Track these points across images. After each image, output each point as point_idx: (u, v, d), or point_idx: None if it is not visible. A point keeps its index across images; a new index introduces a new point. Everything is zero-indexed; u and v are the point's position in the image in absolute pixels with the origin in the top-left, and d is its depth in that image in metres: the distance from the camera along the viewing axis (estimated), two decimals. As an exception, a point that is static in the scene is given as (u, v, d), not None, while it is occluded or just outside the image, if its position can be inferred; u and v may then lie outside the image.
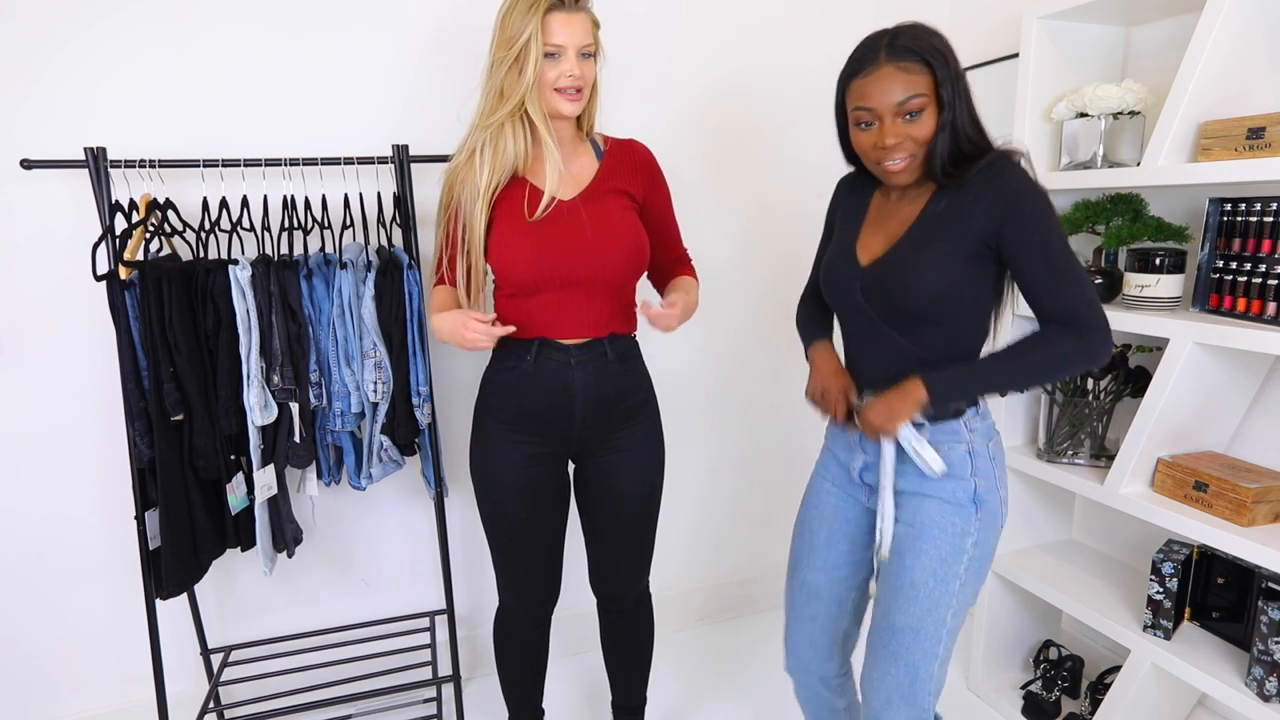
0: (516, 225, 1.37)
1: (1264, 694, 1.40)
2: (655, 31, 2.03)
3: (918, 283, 1.16)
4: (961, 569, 1.19)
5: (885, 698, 1.22)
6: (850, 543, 1.35)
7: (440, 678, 1.89)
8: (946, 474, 1.19)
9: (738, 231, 2.24)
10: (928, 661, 1.20)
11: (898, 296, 1.18)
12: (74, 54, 1.62)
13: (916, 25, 1.15)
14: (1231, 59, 1.44)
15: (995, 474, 1.22)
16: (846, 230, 1.31)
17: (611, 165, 1.45)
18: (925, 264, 1.15)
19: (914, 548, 1.21)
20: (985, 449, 1.22)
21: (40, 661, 1.84)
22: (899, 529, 1.23)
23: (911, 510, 1.22)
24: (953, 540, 1.19)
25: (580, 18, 1.31)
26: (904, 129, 1.13)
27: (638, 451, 1.50)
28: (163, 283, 1.46)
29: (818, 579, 1.36)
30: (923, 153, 1.15)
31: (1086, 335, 1.09)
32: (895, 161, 1.15)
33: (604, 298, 1.41)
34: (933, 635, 1.19)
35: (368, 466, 1.70)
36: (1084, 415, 1.77)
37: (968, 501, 1.20)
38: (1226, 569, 1.59)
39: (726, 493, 2.42)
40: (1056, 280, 1.10)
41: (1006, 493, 1.25)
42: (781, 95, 2.20)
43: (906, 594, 1.20)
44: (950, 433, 1.20)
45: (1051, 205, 1.12)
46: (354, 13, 1.79)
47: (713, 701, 2.08)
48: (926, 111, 1.12)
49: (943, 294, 1.15)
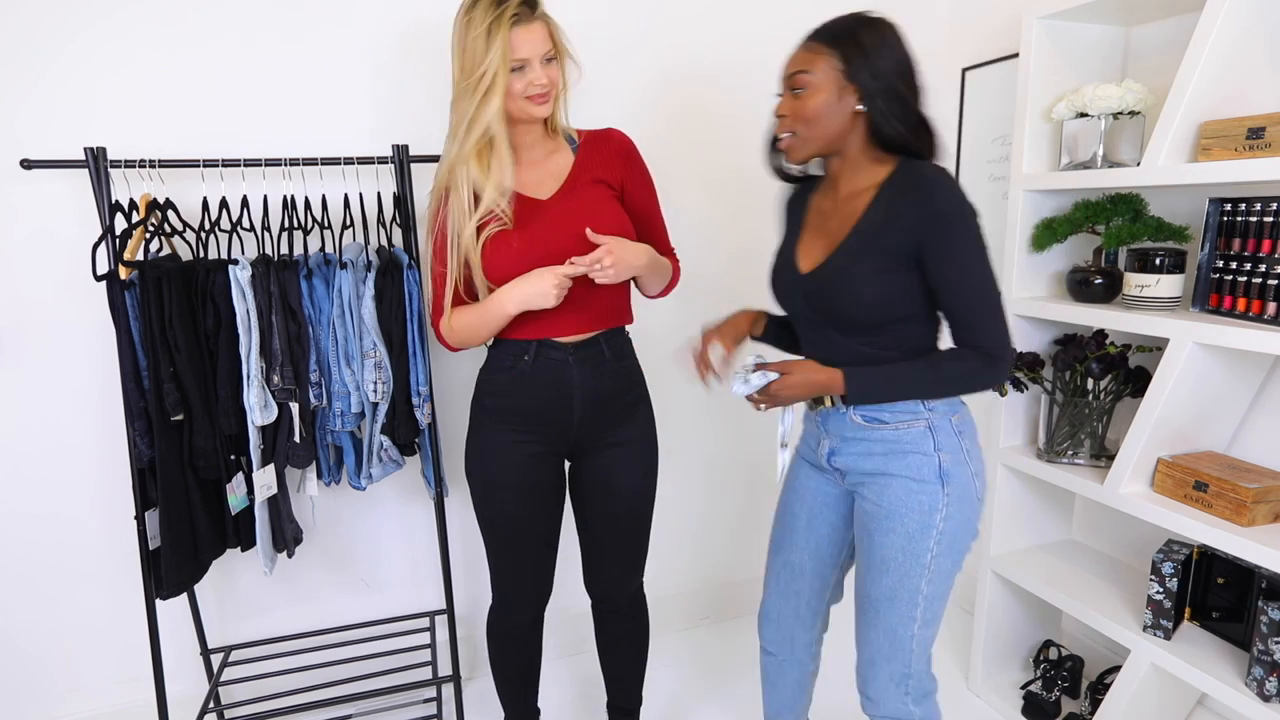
0: (499, 237, 1.36)
1: (1264, 694, 1.40)
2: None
3: (854, 295, 1.19)
4: (931, 543, 1.22)
5: (869, 657, 1.30)
6: (830, 525, 1.39)
7: (440, 678, 1.89)
8: (907, 451, 1.23)
9: (736, 229, 2.24)
10: (905, 624, 1.25)
11: (837, 305, 1.22)
12: (74, 54, 1.62)
13: (852, 14, 1.18)
14: (1231, 59, 1.44)
15: (963, 448, 1.24)
16: (789, 234, 1.36)
17: (587, 156, 1.44)
18: (859, 277, 1.18)
19: (882, 526, 1.24)
20: (948, 424, 1.23)
21: (40, 661, 1.84)
22: (868, 507, 1.27)
23: (878, 490, 1.25)
24: (920, 518, 1.22)
25: (537, 26, 1.29)
26: (789, 102, 1.20)
27: (632, 447, 1.50)
28: (163, 283, 1.46)
29: (802, 558, 1.42)
30: (813, 132, 1.18)
31: (993, 364, 1.16)
32: (784, 137, 1.22)
33: (598, 293, 1.40)
34: (908, 601, 1.24)
35: (368, 466, 1.70)
36: (1084, 415, 1.77)
37: (933, 478, 1.22)
38: (1226, 569, 1.59)
39: (722, 493, 2.41)
40: (971, 310, 1.16)
41: (980, 465, 1.26)
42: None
43: (878, 568, 1.26)
44: (907, 412, 1.23)
45: (977, 229, 1.14)
46: (354, 12, 1.79)
47: (708, 703, 2.08)
48: (814, 91, 1.16)
49: (880, 303, 1.19)
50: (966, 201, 1.13)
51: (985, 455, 1.33)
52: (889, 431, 1.24)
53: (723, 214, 2.21)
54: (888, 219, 1.16)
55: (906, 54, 1.17)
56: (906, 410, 1.23)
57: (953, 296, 1.16)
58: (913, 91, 1.18)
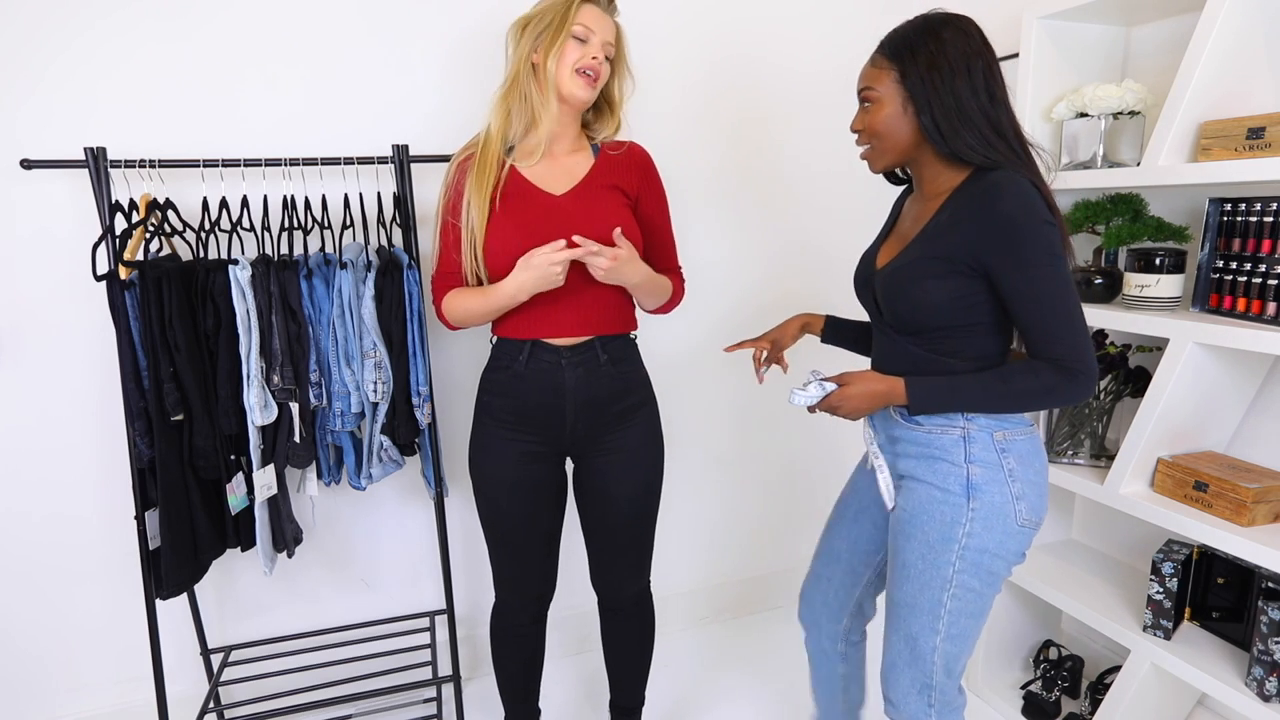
0: (508, 220, 1.37)
1: (1264, 694, 1.40)
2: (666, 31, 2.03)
3: (911, 295, 1.18)
4: (954, 556, 1.18)
5: (891, 661, 1.29)
6: (873, 523, 1.40)
7: (440, 678, 1.89)
8: (936, 457, 1.21)
9: (738, 226, 2.25)
10: (927, 635, 1.23)
11: (896, 304, 1.21)
12: (74, 54, 1.62)
13: (920, 18, 1.17)
14: (1231, 59, 1.44)
15: (1004, 466, 1.18)
16: (881, 232, 1.37)
17: (606, 162, 1.46)
18: (920, 276, 1.17)
19: (905, 530, 1.24)
20: (988, 438, 1.18)
21: (40, 661, 1.84)
22: (897, 511, 1.27)
23: (907, 494, 1.25)
24: (942, 529, 1.19)
25: (608, 18, 1.37)
26: (861, 117, 1.23)
27: (632, 454, 1.50)
28: (163, 283, 1.46)
29: (841, 546, 1.44)
30: (885, 144, 1.20)
31: (1071, 379, 1.09)
32: (861, 149, 1.26)
33: (598, 298, 1.41)
34: (930, 612, 1.22)
35: (368, 466, 1.70)
36: (1084, 415, 1.77)
37: (959, 489, 1.18)
38: (1226, 569, 1.59)
39: (728, 492, 2.41)
40: (1042, 321, 1.10)
41: (1029, 489, 1.19)
42: (787, 94, 2.21)
43: (900, 572, 1.25)
44: (944, 416, 1.20)
45: (1048, 237, 1.08)
46: (353, 12, 1.79)
47: (712, 702, 2.08)
48: (879, 104, 1.18)
49: (936, 307, 1.16)
50: (1036, 209, 1.08)
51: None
52: (922, 434, 1.22)
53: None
54: (951, 224, 1.13)
55: (973, 59, 1.11)
56: (943, 416, 1.20)
57: (1021, 306, 1.10)
58: (979, 96, 1.11)
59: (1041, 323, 1.10)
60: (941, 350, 1.20)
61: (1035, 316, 1.10)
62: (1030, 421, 1.23)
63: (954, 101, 1.11)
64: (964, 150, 1.12)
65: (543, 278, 1.31)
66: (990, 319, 1.17)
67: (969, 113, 1.11)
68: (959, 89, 1.11)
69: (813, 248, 2.33)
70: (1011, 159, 1.13)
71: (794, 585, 2.52)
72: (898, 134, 1.18)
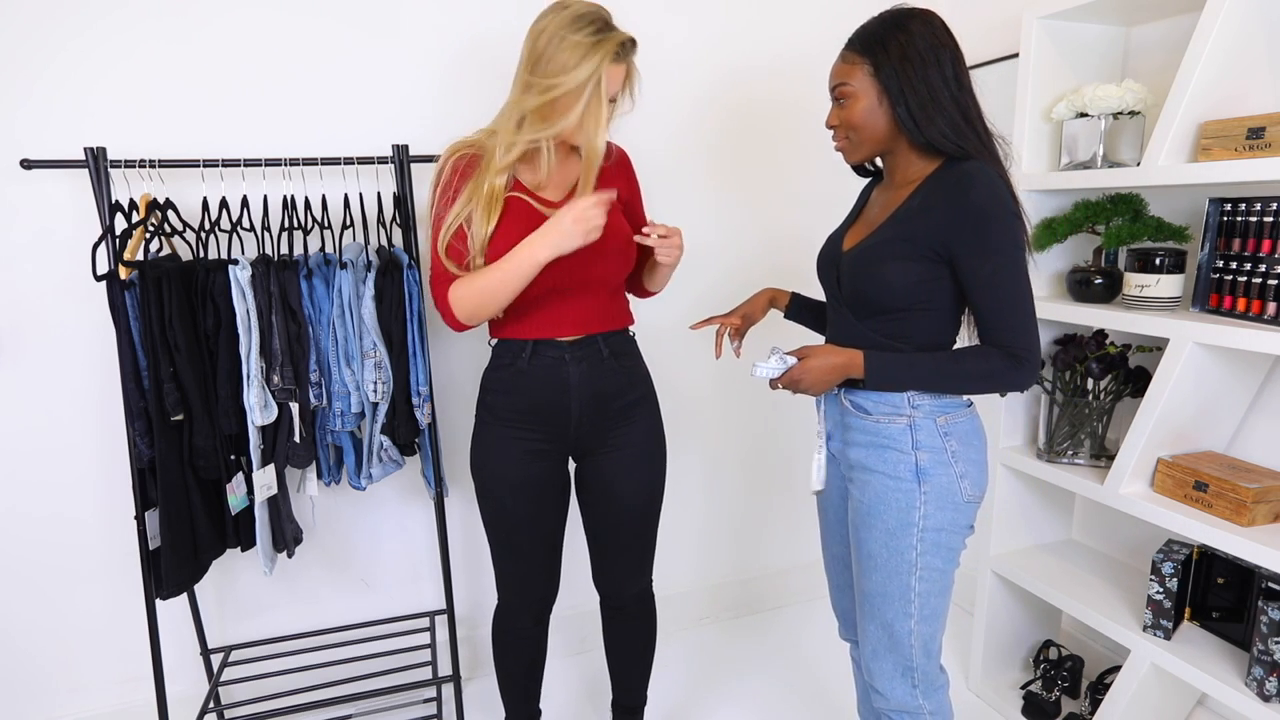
0: (512, 227, 1.36)
1: (1264, 694, 1.40)
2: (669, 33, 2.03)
3: (879, 274, 1.21)
4: (914, 540, 1.23)
5: (872, 650, 1.32)
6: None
7: (440, 678, 1.89)
8: (885, 446, 1.24)
9: (740, 223, 2.24)
10: (902, 620, 1.26)
11: (861, 285, 1.24)
12: (74, 54, 1.62)
13: (885, 14, 1.20)
14: (1231, 59, 1.44)
15: (948, 449, 1.22)
16: (847, 218, 1.40)
17: (600, 171, 1.45)
18: (887, 257, 1.20)
19: (866, 522, 1.26)
20: (932, 424, 1.22)
21: (40, 661, 1.84)
22: (854, 503, 1.29)
23: (862, 486, 1.27)
24: (899, 515, 1.23)
25: (625, 68, 1.32)
26: (836, 112, 1.25)
27: (636, 450, 1.50)
28: (163, 283, 1.46)
29: (841, 549, 1.45)
30: (861, 136, 1.22)
31: (1018, 366, 1.15)
32: (836, 141, 1.28)
33: (597, 296, 1.43)
34: (901, 597, 1.25)
35: (368, 466, 1.70)
36: (1084, 415, 1.77)
37: (910, 476, 1.22)
38: (1226, 569, 1.59)
39: (729, 492, 2.41)
40: (998, 309, 1.15)
41: (972, 468, 1.24)
42: (780, 92, 2.21)
43: (866, 563, 1.28)
44: (891, 405, 1.24)
45: (1013, 229, 1.14)
46: (353, 12, 1.79)
47: (713, 702, 2.08)
48: (854, 99, 1.20)
49: (899, 289, 1.20)
50: (1004, 201, 1.12)
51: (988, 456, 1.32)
52: (870, 423, 1.26)
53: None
54: (922, 209, 1.17)
55: (941, 50, 1.15)
56: (889, 404, 1.24)
57: (980, 293, 1.15)
58: (949, 85, 1.15)
59: (997, 310, 1.15)
60: (892, 334, 1.23)
61: (992, 304, 1.15)
62: (969, 401, 1.27)
63: (927, 91, 1.15)
64: (937, 138, 1.16)
65: (584, 227, 1.26)
66: (946, 304, 1.22)
67: (941, 101, 1.16)
68: (931, 78, 1.15)
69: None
70: (979, 147, 1.18)
71: (794, 585, 2.53)
72: (874, 126, 1.21)
